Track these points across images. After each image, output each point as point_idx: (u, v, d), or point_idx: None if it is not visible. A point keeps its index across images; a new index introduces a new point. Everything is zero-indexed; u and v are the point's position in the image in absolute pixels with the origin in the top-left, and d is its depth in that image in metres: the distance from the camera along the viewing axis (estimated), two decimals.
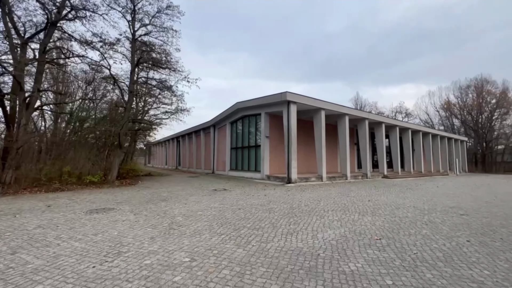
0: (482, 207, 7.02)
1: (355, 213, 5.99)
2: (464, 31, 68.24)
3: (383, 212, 6.09)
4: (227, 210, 6.20)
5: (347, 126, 15.99)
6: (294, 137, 13.04)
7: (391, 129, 20.83)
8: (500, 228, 4.82)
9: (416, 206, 7.03)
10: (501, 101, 38.88)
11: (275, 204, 7.05)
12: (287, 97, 12.68)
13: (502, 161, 39.84)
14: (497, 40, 63.33)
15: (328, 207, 6.62)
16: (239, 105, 16.91)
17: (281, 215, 5.69)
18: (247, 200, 7.72)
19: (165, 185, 12.13)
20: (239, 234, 4.23)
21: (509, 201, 8.31)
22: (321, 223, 5.02)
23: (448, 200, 8.26)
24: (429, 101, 66.31)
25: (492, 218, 5.67)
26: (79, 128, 15.22)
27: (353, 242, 3.88)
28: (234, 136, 19.21)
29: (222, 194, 8.94)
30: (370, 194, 9.37)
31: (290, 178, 12.74)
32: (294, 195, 8.85)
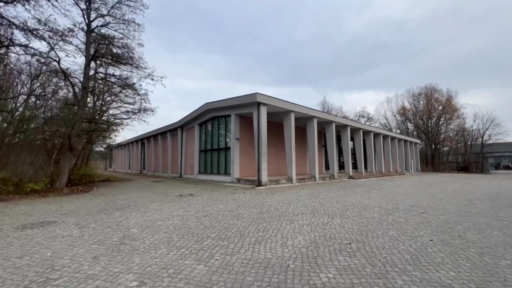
0: (437, 205, 7.49)
1: (324, 215, 5.90)
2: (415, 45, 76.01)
3: (351, 214, 6.10)
4: (191, 218, 5.67)
5: (315, 128, 16.34)
6: (264, 139, 12.87)
7: (355, 132, 21.92)
8: (456, 225, 5.08)
9: (380, 206, 7.24)
10: (446, 108, 43.74)
11: (244, 209, 6.70)
12: (257, 98, 12.47)
13: (447, 161, 44.75)
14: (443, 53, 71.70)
15: (298, 211, 6.46)
16: (208, 106, 16.29)
17: (250, 221, 5.36)
18: (215, 205, 7.25)
19: (124, 192, 11.02)
20: (202, 246, 3.78)
21: (458, 197, 9.07)
22: (291, 228, 4.80)
23: (408, 199, 8.72)
24: (387, 107, 72.13)
25: (448, 215, 6.02)
26: (22, 128, 13.22)
27: (324, 248, 3.69)
28: (203, 138, 18.47)
29: (188, 200, 8.33)
30: (338, 195, 9.53)
31: (260, 181, 12.51)
32: (264, 198, 8.59)
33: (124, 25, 12.58)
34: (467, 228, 4.80)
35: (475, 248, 3.70)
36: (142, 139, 30.10)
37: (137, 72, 15.34)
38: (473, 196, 9.58)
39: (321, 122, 18.29)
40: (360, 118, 55.60)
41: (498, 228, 4.85)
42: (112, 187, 13.31)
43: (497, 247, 3.77)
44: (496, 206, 7.28)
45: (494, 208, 6.96)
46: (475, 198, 8.90)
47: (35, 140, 13.52)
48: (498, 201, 8.35)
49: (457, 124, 44.30)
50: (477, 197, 9.34)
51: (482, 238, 4.21)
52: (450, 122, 44.65)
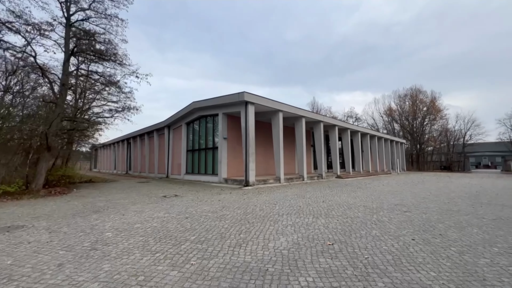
0: (421, 203, 7.59)
1: (309, 216, 5.82)
2: (401, 47, 78.11)
3: (336, 213, 6.06)
4: (172, 220, 5.45)
5: (303, 128, 16.36)
6: (252, 139, 12.73)
7: (343, 131, 22.16)
8: (438, 223, 5.11)
9: (365, 205, 7.25)
10: (430, 109, 45.13)
11: (228, 210, 6.52)
12: (244, 97, 12.32)
13: (431, 161, 46.21)
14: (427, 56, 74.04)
15: (283, 211, 6.36)
16: (195, 105, 15.98)
17: (233, 222, 5.19)
18: (198, 207, 7.04)
19: (105, 193, 10.59)
20: (179, 250, 3.59)
21: (440, 195, 9.26)
22: (274, 229, 4.67)
23: (392, 197, 8.81)
24: (375, 107, 73.85)
25: (430, 213, 6.08)
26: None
27: (306, 250, 3.59)
28: (190, 138, 18.12)
29: (171, 201, 8.06)
30: (325, 194, 9.52)
31: (248, 180, 12.35)
32: (250, 198, 8.45)
33: (107, 20, 12.12)
34: (448, 227, 4.84)
35: (455, 247, 3.70)
36: (128, 139, 29.28)
37: (121, 70, 14.89)
38: (454, 194, 9.81)
39: (309, 122, 18.35)
40: (349, 118, 56.50)
41: (478, 226, 4.92)
42: (94, 188, 12.78)
43: (476, 245, 3.79)
44: (476, 204, 7.45)
45: (474, 206, 7.11)
46: (457, 197, 9.11)
47: (12, 140, 12.80)
48: (478, 199, 8.57)
49: (440, 125, 45.86)
50: (459, 195, 9.57)
51: (463, 236, 4.24)
52: (434, 123, 46.13)
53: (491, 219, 5.47)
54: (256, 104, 13.11)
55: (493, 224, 5.07)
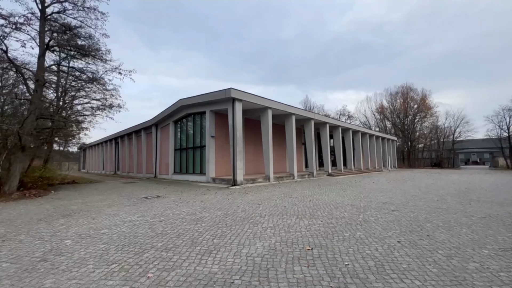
0: (409, 201, 7.38)
1: (293, 216, 5.51)
2: (394, 46, 78.84)
3: (321, 214, 5.76)
4: (144, 224, 5.04)
5: (293, 125, 16.08)
6: (239, 137, 12.35)
7: (334, 129, 22.00)
8: (426, 223, 4.86)
9: (353, 204, 6.99)
10: (421, 106, 45.60)
11: (208, 212, 6.15)
12: (231, 94, 11.92)
13: (422, 157, 46.78)
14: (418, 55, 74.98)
15: (266, 212, 6.02)
16: (182, 102, 15.49)
17: (209, 225, 4.83)
18: (178, 208, 6.64)
19: (84, 195, 10.06)
20: (139, 260, 3.20)
21: (430, 193, 9.10)
22: (252, 232, 4.33)
23: (382, 195, 8.59)
24: (367, 105, 74.28)
25: (418, 212, 5.85)
26: None
27: (281, 256, 3.25)
28: (178, 136, 17.62)
29: (151, 203, 7.63)
30: (313, 193, 9.24)
31: (235, 180, 11.99)
32: (235, 199, 8.09)
33: (85, 12, 11.50)
34: (436, 226, 4.59)
35: (443, 250, 3.43)
36: (116, 138, 28.48)
37: (104, 66, 14.32)
38: (444, 191, 9.68)
39: (300, 119, 18.09)
40: (341, 116, 56.65)
41: (467, 225, 4.69)
42: (74, 190, 12.20)
43: (465, 247, 3.53)
44: (465, 201, 7.29)
45: (463, 204, 6.93)
46: (446, 194, 8.97)
47: None
48: (467, 196, 8.44)
49: (431, 122, 46.38)
50: (448, 192, 9.44)
51: (451, 237, 3.98)
52: (425, 120, 46.63)
53: (480, 217, 5.27)
54: (243, 101, 12.73)
55: (482, 222, 4.86)
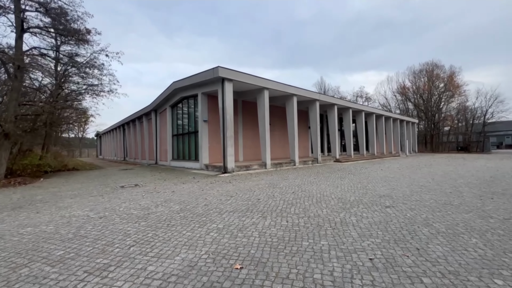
0: (414, 194, 6.11)
1: (257, 214, 4.54)
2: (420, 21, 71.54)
3: (295, 210, 4.74)
4: (76, 222, 4.34)
5: (295, 108, 14.72)
6: (229, 120, 11.35)
7: (344, 111, 20.23)
8: (423, 227, 3.69)
9: (342, 197, 5.86)
10: (448, 85, 41.34)
11: (166, 206, 5.36)
12: (219, 73, 10.80)
13: (448, 141, 43.08)
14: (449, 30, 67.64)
15: (231, 207, 5.11)
16: (175, 85, 14.62)
17: (148, 225, 4.02)
18: (138, 201, 5.92)
19: (68, 183, 9.77)
20: (5, 278, 2.44)
21: (444, 183, 7.67)
22: (189, 237, 3.45)
23: (382, 186, 7.33)
24: (388, 86, 69.37)
25: (419, 210, 4.63)
26: None
27: (189, 282, 2.33)
28: (175, 122, 16.96)
29: (119, 194, 7.02)
30: (303, 183, 8.17)
31: (226, 167, 11.15)
32: (211, 189, 7.25)
33: None
34: (435, 234, 3.42)
35: (432, 277, 2.32)
36: (123, 125, 28.63)
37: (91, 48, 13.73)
38: (462, 180, 8.17)
39: (304, 101, 16.63)
40: (358, 99, 53.38)
41: (479, 232, 3.46)
42: (65, 177, 12.07)
43: (469, 272, 2.39)
44: (487, 195, 5.88)
45: (483, 198, 5.56)
46: (464, 184, 7.50)
47: None
48: (491, 187, 6.94)
49: (459, 102, 42.12)
50: (467, 181, 7.93)
51: (451, 252, 2.83)
52: (452, 100, 42.45)
53: (501, 220, 3.97)
54: (234, 81, 11.58)
55: (503, 228, 3.59)
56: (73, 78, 16.87)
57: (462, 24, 68.18)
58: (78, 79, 15.49)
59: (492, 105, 38.56)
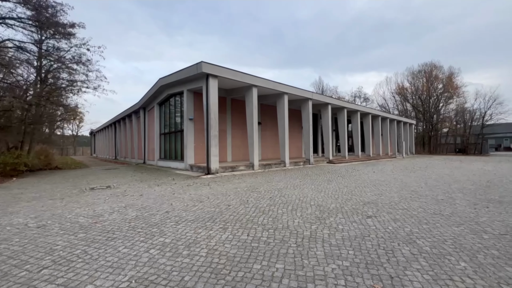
0: (402, 201, 5.54)
1: (219, 224, 3.98)
2: (421, 23, 71.03)
3: (263, 220, 4.17)
4: (3, 234, 3.76)
5: (285, 106, 14.15)
6: (214, 119, 10.76)
7: (339, 111, 19.67)
8: (404, 244, 3.12)
9: (322, 204, 5.29)
10: (446, 86, 40.82)
11: (122, 212, 4.78)
12: (202, 68, 10.21)
13: (446, 143, 42.56)
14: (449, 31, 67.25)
15: (194, 215, 4.53)
16: (162, 82, 14.02)
17: (85, 238, 3.44)
18: (98, 206, 5.34)
19: (40, 183, 9.19)
20: None
21: (437, 188, 7.11)
22: (123, 255, 2.87)
23: (370, 191, 6.77)
24: (386, 87, 68.86)
25: (404, 221, 4.07)
26: None
27: None
28: (162, 120, 16.38)
29: (85, 196, 6.43)
30: (286, 186, 7.60)
31: (209, 168, 10.57)
32: (185, 193, 6.67)
33: None
34: (417, 254, 2.85)
35: None
36: (115, 123, 28.01)
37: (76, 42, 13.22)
38: (457, 185, 7.62)
39: (296, 100, 16.08)
40: (356, 99, 52.83)
41: (470, 252, 2.90)
42: (41, 177, 11.47)
43: None
44: (482, 203, 5.33)
45: (478, 207, 5.00)
46: (459, 189, 6.94)
47: None
48: (487, 193, 6.39)
49: (457, 104, 41.61)
50: (462, 186, 7.38)
51: (432, 283, 2.26)
52: (451, 102, 41.93)
53: (496, 236, 3.41)
54: (220, 78, 10.99)
55: (497, 247, 3.03)
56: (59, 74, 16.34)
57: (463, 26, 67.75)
58: (64, 74, 14.92)
59: (491, 106, 38.09)
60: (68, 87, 14.46)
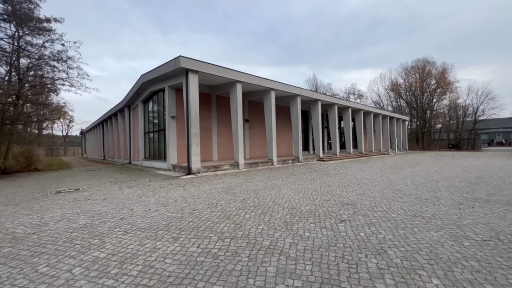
0: (384, 201, 5.15)
1: (173, 233, 3.52)
2: (415, 19, 71.02)
3: (224, 227, 3.73)
4: None
5: (273, 103, 13.70)
6: (194, 116, 10.27)
7: (329, 107, 19.28)
8: (372, 255, 2.71)
9: (296, 206, 4.87)
10: (439, 82, 40.74)
11: (71, 220, 4.30)
12: (181, 63, 9.69)
13: (439, 139, 42.61)
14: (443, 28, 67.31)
15: (149, 222, 4.08)
16: (143, 78, 13.44)
17: (6, 254, 2.97)
18: (50, 212, 4.86)
19: (10, 187, 8.65)
20: None
21: (423, 186, 6.75)
22: (34, 278, 2.41)
23: (353, 191, 6.37)
24: (381, 83, 68.69)
25: (379, 226, 3.66)
26: None
27: None
28: (147, 118, 15.80)
29: (43, 201, 5.93)
30: (266, 186, 7.16)
31: (190, 168, 10.10)
32: (154, 196, 6.19)
33: None
34: (384, 268, 2.44)
35: None
36: (102, 122, 27.27)
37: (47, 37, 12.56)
38: (445, 183, 7.27)
39: (285, 96, 15.64)
40: (350, 96, 52.57)
41: (446, 264, 2.49)
42: (13, 180, 10.88)
43: None
44: (467, 202, 4.96)
45: (462, 207, 4.63)
46: (445, 187, 6.59)
47: None
48: (474, 191, 6.04)
49: (450, 100, 41.60)
50: (450, 184, 7.04)
51: None
52: (444, 98, 41.90)
53: (478, 242, 3.02)
54: (201, 73, 10.49)
55: (477, 257, 2.64)
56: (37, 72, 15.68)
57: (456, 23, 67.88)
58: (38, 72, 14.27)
59: (483, 102, 38.19)
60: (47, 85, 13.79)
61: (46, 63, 15.26)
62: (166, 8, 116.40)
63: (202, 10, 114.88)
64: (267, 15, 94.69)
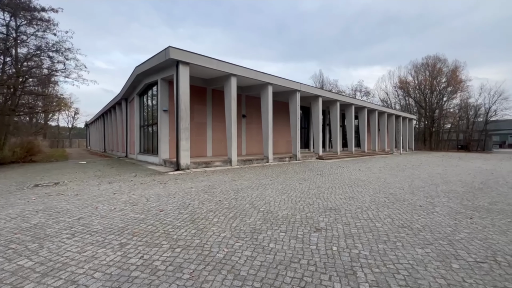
0: (372, 207, 4.67)
1: (123, 238, 3.15)
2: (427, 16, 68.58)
3: (182, 234, 3.34)
4: None
5: (270, 98, 13.19)
6: (184, 110, 9.89)
7: (332, 104, 18.63)
8: (339, 278, 2.27)
9: (273, 210, 4.44)
10: (450, 80, 39.23)
11: (22, 220, 3.99)
12: (171, 54, 9.27)
13: (448, 139, 41.22)
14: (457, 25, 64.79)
15: (106, 223, 3.72)
16: (138, 70, 13.09)
17: None
18: (9, 209, 4.56)
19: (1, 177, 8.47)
20: None
21: (421, 190, 6.21)
22: None
23: (342, 194, 5.89)
24: (389, 81, 67.02)
25: (358, 238, 3.20)
26: None
27: None
28: (142, 112, 15.54)
29: (12, 196, 5.66)
30: (251, 186, 6.74)
31: (179, 163, 9.76)
32: (129, 193, 5.86)
33: None
34: None
35: None
36: (103, 114, 27.24)
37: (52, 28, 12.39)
38: (445, 187, 6.71)
39: (284, 91, 15.10)
40: (357, 93, 51.34)
41: None
42: (2, 171, 10.77)
43: None
44: (466, 211, 4.43)
45: (459, 217, 4.11)
46: (445, 192, 6.04)
47: None
48: (477, 198, 5.48)
49: (461, 99, 40.05)
50: (450, 189, 6.47)
51: None
52: (454, 96, 40.36)
53: (470, 265, 2.53)
54: (192, 65, 10.06)
55: (468, 282, 2.16)
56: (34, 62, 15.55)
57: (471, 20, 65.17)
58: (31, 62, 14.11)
59: (496, 102, 36.59)
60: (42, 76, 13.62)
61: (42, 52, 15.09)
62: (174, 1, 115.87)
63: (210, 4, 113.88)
64: (275, 10, 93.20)
